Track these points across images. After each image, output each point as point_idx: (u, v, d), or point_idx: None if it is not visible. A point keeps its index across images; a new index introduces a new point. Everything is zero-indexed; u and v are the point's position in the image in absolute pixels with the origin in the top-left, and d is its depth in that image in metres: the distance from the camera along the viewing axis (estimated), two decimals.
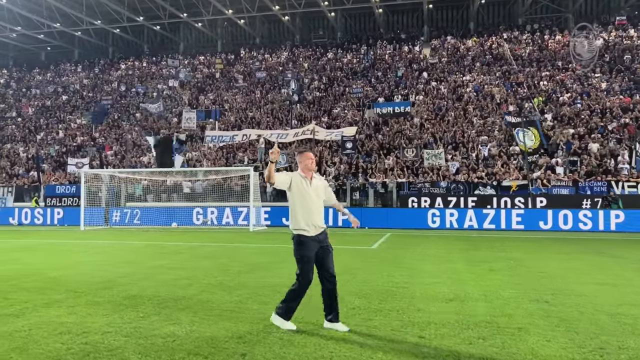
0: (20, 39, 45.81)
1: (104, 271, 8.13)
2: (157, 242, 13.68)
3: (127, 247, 12.27)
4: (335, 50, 39.57)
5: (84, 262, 9.32)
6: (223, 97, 35.08)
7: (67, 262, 9.40)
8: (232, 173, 21.76)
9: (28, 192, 26.11)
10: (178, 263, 9.20)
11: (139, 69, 42.70)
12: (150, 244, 13.16)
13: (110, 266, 8.74)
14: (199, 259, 9.95)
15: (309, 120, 29.47)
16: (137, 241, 14.02)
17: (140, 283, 7.01)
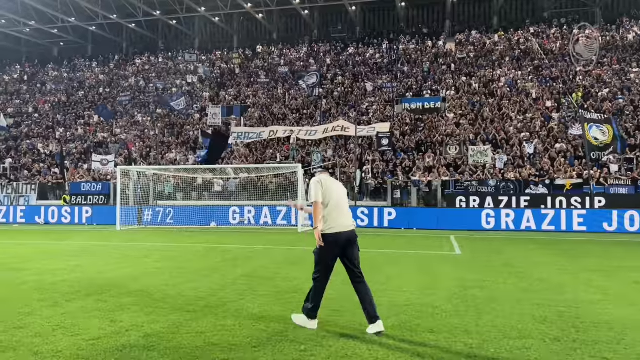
0: (33, 34, 44.73)
1: (195, 282, 7.18)
2: (215, 244, 12.63)
3: (188, 251, 11.27)
4: (355, 45, 38.56)
5: (159, 270, 8.36)
6: (244, 93, 34.09)
7: (139, 269, 8.45)
8: (281, 170, 20.74)
9: (52, 189, 25.15)
10: (267, 272, 8.23)
11: (155, 64, 41.67)
12: (210, 247, 12.14)
13: (196, 275, 7.78)
14: (286, 265, 8.99)
15: (336, 116, 28.54)
16: (191, 243, 12.99)
17: (263, 299, 6.07)
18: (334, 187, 5.02)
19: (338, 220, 4.87)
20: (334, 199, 4.93)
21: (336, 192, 4.99)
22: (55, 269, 8.46)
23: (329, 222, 4.84)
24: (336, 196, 4.97)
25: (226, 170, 23.22)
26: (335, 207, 4.90)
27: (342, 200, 5.03)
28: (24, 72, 43.55)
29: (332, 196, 4.91)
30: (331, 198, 4.91)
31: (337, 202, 4.94)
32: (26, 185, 25.11)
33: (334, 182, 5.11)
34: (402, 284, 7.06)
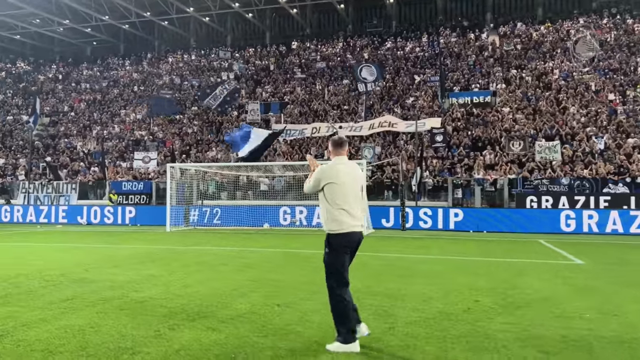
0: (66, 34, 44.33)
1: (310, 300, 5.91)
2: (287, 249, 11.30)
3: (265, 258, 9.90)
4: (393, 39, 37.07)
5: (255, 283, 7.09)
6: (282, 90, 32.92)
7: (229, 282, 7.16)
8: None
9: (92, 188, 24.32)
10: (383, 285, 6.90)
11: (188, 62, 40.81)
12: (285, 252, 10.80)
13: (306, 292, 6.50)
14: (395, 277, 7.65)
15: (380, 112, 27.17)
16: (261, 247, 11.66)
17: (420, 323, 4.77)
18: (347, 177, 4.27)
19: (350, 218, 4.18)
20: (346, 191, 4.20)
21: (350, 185, 4.25)
22: (129, 280, 7.29)
23: (339, 220, 4.15)
24: (349, 188, 4.24)
25: (273, 169, 22.03)
26: (345, 202, 4.18)
27: (352, 194, 4.26)
28: (58, 71, 43.14)
29: (343, 188, 4.20)
30: (341, 190, 4.19)
31: (350, 195, 4.22)
32: (66, 184, 24.31)
33: (348, 170, 4.33)
34: (580, 307, 5.64)
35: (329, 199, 4.21)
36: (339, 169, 4.30)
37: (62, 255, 10.36)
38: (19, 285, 7.01)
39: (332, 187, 4.20)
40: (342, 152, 4.42)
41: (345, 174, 4.28)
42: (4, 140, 31.98)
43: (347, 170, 4.33)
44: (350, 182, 4.28)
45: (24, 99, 38.42)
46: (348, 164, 4.42)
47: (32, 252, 11.17)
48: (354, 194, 4.29)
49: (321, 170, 4.34)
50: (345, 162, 4.41)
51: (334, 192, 4.19)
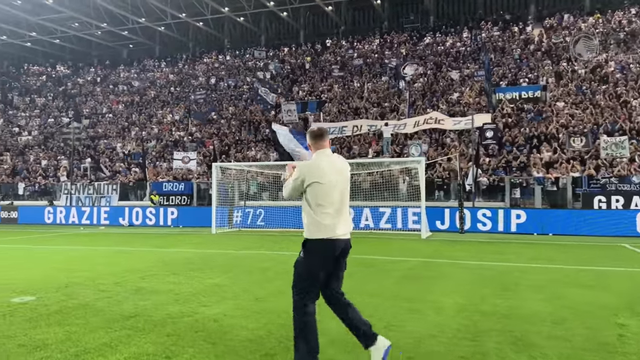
0: (104, 37, 44.56)
1: (412, 319, 4.93)
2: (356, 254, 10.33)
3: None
4: (432, 35, 35.74)
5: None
6: (319, 88, 32.03)
7: None
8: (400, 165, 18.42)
9: (133, 189, 23.92)
10: (493, 304, 5.89)
11: (223, 62, 40.41)
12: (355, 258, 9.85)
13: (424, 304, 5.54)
14: (502, 291, 6.60)
15: (423, 108, 25.96)
16: None
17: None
18: (333, 175, 3.65)
19: (333, 220, 3.56)
20: (332, 191, 3.60)
21: (337, 183, 3.65)
22: (194, 292, 6.45)
23: (322, 225, 3.55)
24: (336, 188, 3.63)
25: None
26: (328, 202, 3.58)
27: (337, 194, 3.64)
28: (97, 74, 43.40)
29: (328, 188, 3.59)
30: (326, 190, 3.58)
31: (336, 196, 3.62)
32: (107, 185, 23.99)
33: (334, 166, 3.70)
34: None
35: (312, 202, 3.59)
36: (323, 165, 3.65)
37: (112, 260, 9.67)
38: (72, 296, 6.26)
39: (316, 187, 3.58)
40: (324, 143, 3.78)
41: (331, 171, 3.64)
42: (46, 142, 32.11)
43: (333, 166, 3.69)
44: (337, 180, 3.65)
45: (64, 101, 38.70)
46: (333, 159, 3.76)
47: (80, 256, 10.54)
48: (342, 194, 3.68)
49: (303, 168, 3.66)
50: (329, 155, 3.75)
51: (317, 193, 3.58)
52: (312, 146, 3.82)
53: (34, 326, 4.86)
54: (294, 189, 3.67)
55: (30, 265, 9.09)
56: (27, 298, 6.15)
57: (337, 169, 3.70)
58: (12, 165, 29.11)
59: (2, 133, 35.05)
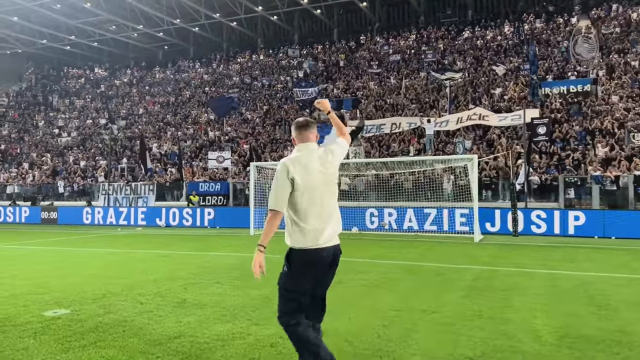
0: (140, 39, 44.90)
1: None
2: (404, 260, 9.44)
3: (389, 273, 8.10)
4: (471, 29, 34.35)
5: (414, 313, 5.38)
6: (354, 85, 31.18)
7: (377, 313, 5.53)
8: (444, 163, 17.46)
9: (170, 190, 23.67)
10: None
11: (257, 62, 40.03)
12: (405, 264, 8.98)
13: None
14: (628, 311, 5.66)
15: (465, 104, 24.76)
16: (374, 259, 9.90)
17: None
18: (318, 173, 3.20)
19: (320, 225, 3.14)
20: (316, 191, 3.17)
21: (322, 182, 3.21)
22: (242, 305, 5.74)
23: (305, 231, 3.12)
24: (321, 187, 3.20)
25: (351, 167, 20.26)
26: (314, 205, 3.15)
27: (324, 193, 3.22)
28: (133, 75, 43.77)
29: (311, 187, 3.15)
30: (306, 189, 3.14)
31: (321, 196, 3.19)
32: (144, 185, 23.82)
33: (316, 161, 3.24)
34: None
35: (292, 203, 3.15)
36: (305, 160, 3.19)
37: (150, 266, 9.11)
38: (110, 309, 5.66)
39: (299, 188, 3.14)
40: (309, 136, 3.31)
41: (315, 168, 3.19)
42: (84, 143, 32.39)
43: (317, 161, 3.22)
44: (322, 178, 3.22)
45: (102, 103, 39.12)
46: (318, 153, 3.28)
47: (118, 260, 10.05)
48: (329, 193, 3.26)
49: (284, 165, 3.16)
50: (313, 149, 3.28)
51: (299, 193, 3.14)
52: (296, 138, 3.33)
53: (66, 349, 4.24)
54: (280, 192, 3.11)
55: (67, 271, 8.62)
56: (61, 311, 5.58)
57: (322, 165, 3.23)
58: (52, 166, 29.43)
59: (43, 134, 35.64)
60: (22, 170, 29.75)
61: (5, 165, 31.13)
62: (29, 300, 6.14)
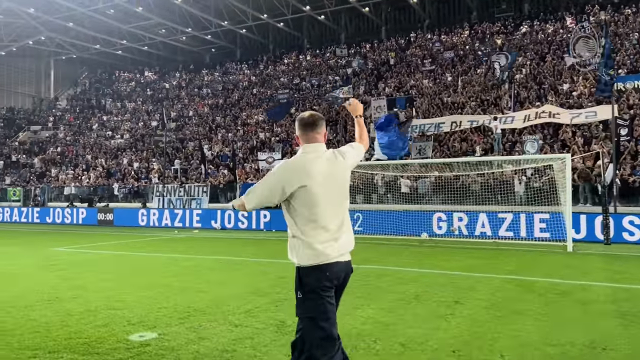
0: (188, 42, 45.13)
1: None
2: (504, 274, 8.27)
3: (496, 290, 7.06)
4: (529, 23, 32.46)
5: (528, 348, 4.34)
6: (407, 83, 29.94)
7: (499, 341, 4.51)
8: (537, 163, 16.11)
9: (223, 191, 23.20)
10: None
11: (304, 62, 39.37)
12: (514, 280, 7.78)
13: None
14: None
15: (530, 101, 23.15)
16: (464, 271, 8.83)
17: None
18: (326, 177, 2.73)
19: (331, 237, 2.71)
20: (323, 199, 2.69)
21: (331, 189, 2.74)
22: (362, 331, 4.81)
23: (314, 246, 2.67)
24: (330, 194, 2.72)
25: (410, 168, 19.11)
26: (319, 214, 2.68)
27: (332, 201, 2.73)
28: (181, 78, 44.02)
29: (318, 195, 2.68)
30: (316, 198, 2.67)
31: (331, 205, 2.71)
32: (197, 187, 23.44)
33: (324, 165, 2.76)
34: None
35: (297, 213, 2.72)
36: (311, 165, 2.74)
37: (227, 276, 8.33)
38: (202, 333, 4.85)
39: (303, 194, 2.68)
40: (317, 136, 2.87)
41: (323, 172, 2.74)
42: (137, 145, 32.56)
43: (326, 165, 2.78)
44: (330, 184, 2.76)
45: (152, 105, 39.44)
46: (325, 156, 2.83)
47: (188, 268, 9.36)
48: (338, 200, 2.79)
49: (283, 170, 2.76)
50: (320, 152, 2.83)
51: (304, 202, 2.68)
52: (300, 137, 2.90)
53: None
54: (264, 196, 2.76)
55: (138, 280, 7.97)
56: (148, 335, 4.81)
57: (330, 169, 2.80)
58: (106, 167, 29.66)
59: (97, 137, 36.17)
60: (78, 171, 30.14)
61: (63, 167, 31.65)
62: (108, 318, 5.43)
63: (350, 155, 2.97)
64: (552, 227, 14.12)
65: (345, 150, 2.96)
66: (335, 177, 2.80)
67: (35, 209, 25.18)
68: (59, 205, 25.89)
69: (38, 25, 39.57)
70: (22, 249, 12.84)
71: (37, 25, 39.57)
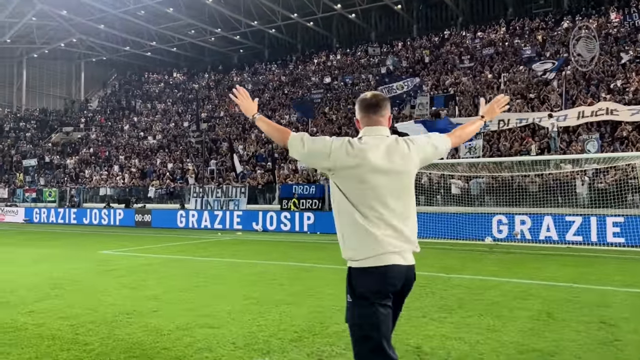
0: (216, 43, 44.75)
1: None
2: (629, 287, 7.39)
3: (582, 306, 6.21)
4: (570, 18, 31.09)
5: None
6: (445, 81, 28.89)
7: None
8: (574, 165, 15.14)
9: (262, 192, 22.52)
10: None
11: (334, 61, 38.57)
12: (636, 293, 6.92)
13: None
14: None
15: (582, 99, 21.94)
16: (545, 280, 7.93)
17: None
18: (385, 164, 2.41)
19: (386, 237, 2.37)
20: (381, 188, 2.39)
21: (390, 178, 2.41)
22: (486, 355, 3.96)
23: (366, 242, 2.38)
24: (389, 184, 2.40)
25: (457, 167, 18.13)
26: (382, 207, 2.38)
27: (386, 193, 2.40)
28: (211, 79, 43.65)
29: (375, 183, 2.38)
30: (372, 187, 2.38)
31: (389, 196, 2.39)
32: (235, 188, 22.80)
33: (386, 151, 2.45)
34: None
35: (349, 200, 2.39)
36: (369, 147, 2.41)
37: (292, 287, 7.50)
38: (321, 357, 4.05)
39: (353, 177, 2.37)
40: (380, 119, 2.53)
41: (377, 159, 2.39)
42: (170, 145, 32.16)
43: (384, 152, 2.41)
44: (387, 174, 2.40)
45: (183, 106, 39.11)
46: (386, 143, 2.45)
47: (258, 275, 8.60)
48: (395, 194, 2.40)
49: (336, 142, 2.43)
50: (382, 136, 2.48)
51: (356, 189, 2.38)
52: (361, 121, 2.60)
53: None
54: (313, 147, 2.47)
55: (216, 290, 7.23)
56: None
57: (390, 158, 2.42)
58: (140, 168, 29.28)
59: (129, 138, 35.93)
60: (112, 172, 29.84)
61: (96, 168, 31.42)
62: (207, 339, 4.67)
63: (420, 145, 2.57)
64: (628, 231, 13.04)
65: (415, 140, 2.59)
66: (392, 168, 2.44)
67: (72, 210, 24.88)
68: (94, 206, 25.56)
69: (70, 27, 39.59)
70: (70, 252, 12.30)
71: (69, 27, 39.60)
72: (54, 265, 9.84)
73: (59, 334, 4.84)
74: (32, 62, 45.68)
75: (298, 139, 2.51)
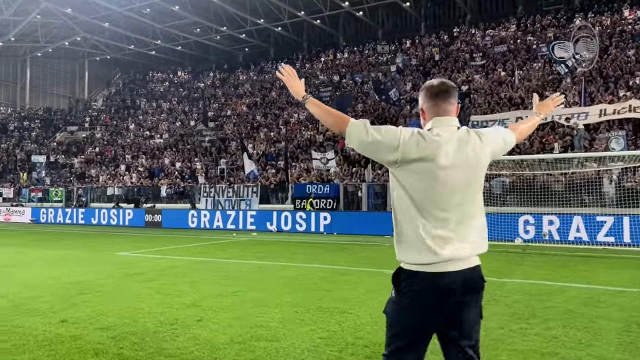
0: (221, 41, 44.21)
1: None
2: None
3: None
4: (582, 15, 30.62)
5: None
6: (456, 79, 28.37)
7: None
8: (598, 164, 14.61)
9: (274, 192, 22.01)
10: None
11: (342, 59, 38.05)
12: None
13: None
14: None
15: (599, 97, 21.49)
16: (581, 282, 7.50)
17: None
18: (452, 157, 2.16)
19: (441, 235, 2.13)
20: (443, 181, 2.13)
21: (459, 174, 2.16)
22: None
23: (420, 243, 2.13)
24: (456, 181, 2.15)
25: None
26: (435, 202, 2.13)
27: (455, 189, 2.15)
28: (216, 78, 43.11)
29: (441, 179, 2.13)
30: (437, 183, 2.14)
31: (454, 195, 2.15)
32: (247, 188, 22.29)
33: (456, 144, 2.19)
34: None
35: (409, 198, 2.14)
36: (442, 140, 2.16)
37: (335, 292, 7.01)
38: None
39: (418, 173, 2.13)
40: (449, 107, 2.29)
41: (448, 153, 2.14)
42: (177, 145, 31.64)
43: (455, 145, 2.18)
44: (457, 169, 2.16)
45: (189, 105, 38.57)
46: (458, 135, 2.22)
47: (286, 286, 8.08)
48: (464, 191, 2.17)
49: (405, 132, 2.17)
50: (452, 127, 2.24)
51: (424, 184, 2.12)
52: (427, 111, 2.31)
53: None
54: (374, 145, 2.17)
55: (255, 296, 6.72)
56: None
57: (461, 150, 2.17)
58: (147, 167, 28.76)
59: (135, 137, 35.40)
60: (119, 172, 29.30)
61: (103, 168, 30.88)
62: (269, 355, 4.16)
63: (492, 139, 2.35)
64: None
65: (485, 132, 2.34)
66: (463, 162, 2.20)
67: (80, 210, 24.36)
68: (101, 206, 25.04)
69: (74, 25, 39.03)
70: (85, 253, 11.79)
71: (73, 25, 39.05)
72: (71, 268, 9.33)
73: (101, 348, 4.34)
74: (35, 61, 45.14)
75: (361, 127, 2.21)
